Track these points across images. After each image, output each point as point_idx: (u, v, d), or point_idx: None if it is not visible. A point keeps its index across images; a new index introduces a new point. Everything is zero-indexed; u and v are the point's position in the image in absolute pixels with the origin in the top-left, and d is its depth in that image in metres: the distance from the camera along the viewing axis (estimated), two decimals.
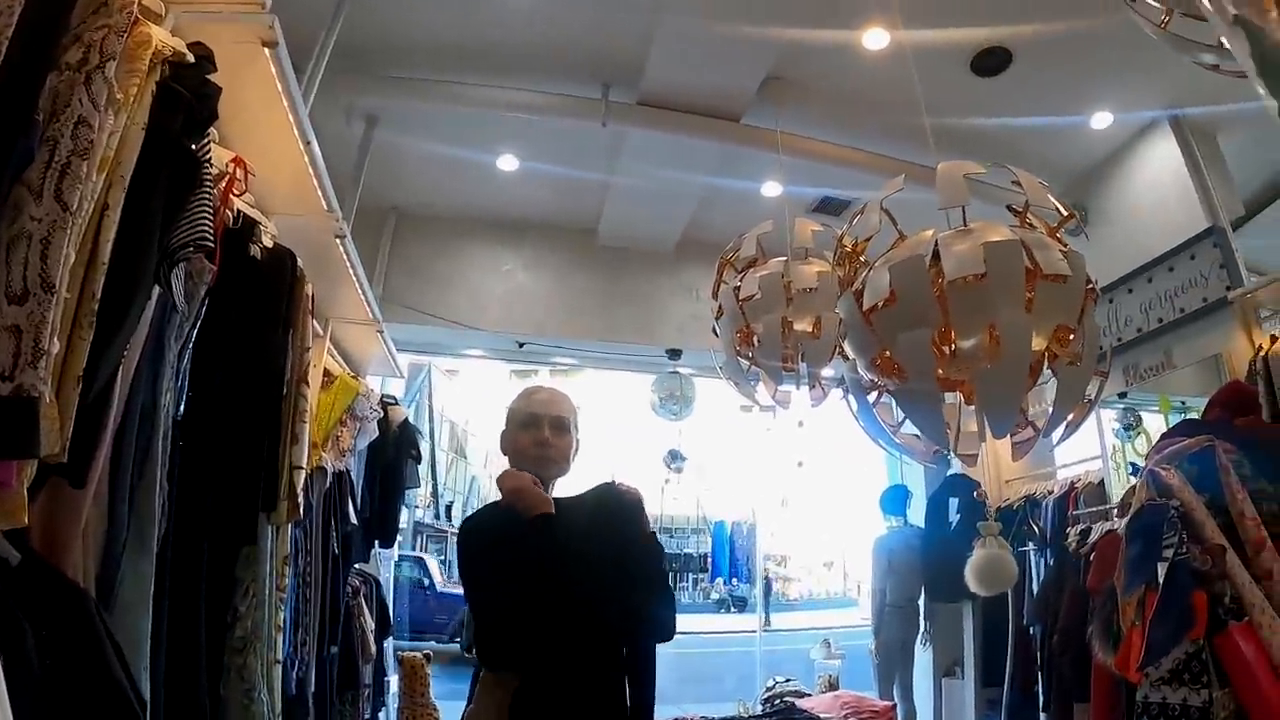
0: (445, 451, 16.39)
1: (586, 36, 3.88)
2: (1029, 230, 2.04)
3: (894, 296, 1.95)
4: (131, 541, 1.47)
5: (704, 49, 3.87)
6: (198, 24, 1.82)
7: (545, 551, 1.84)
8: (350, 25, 3.35)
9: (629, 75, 4.05)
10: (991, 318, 1.88)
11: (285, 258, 2.37)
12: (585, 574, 1.83)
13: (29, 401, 1.06)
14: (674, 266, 5.85)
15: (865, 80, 4.08)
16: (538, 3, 3.66)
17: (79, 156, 1.21)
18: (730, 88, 4.16)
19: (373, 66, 3.95)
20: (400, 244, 5.46)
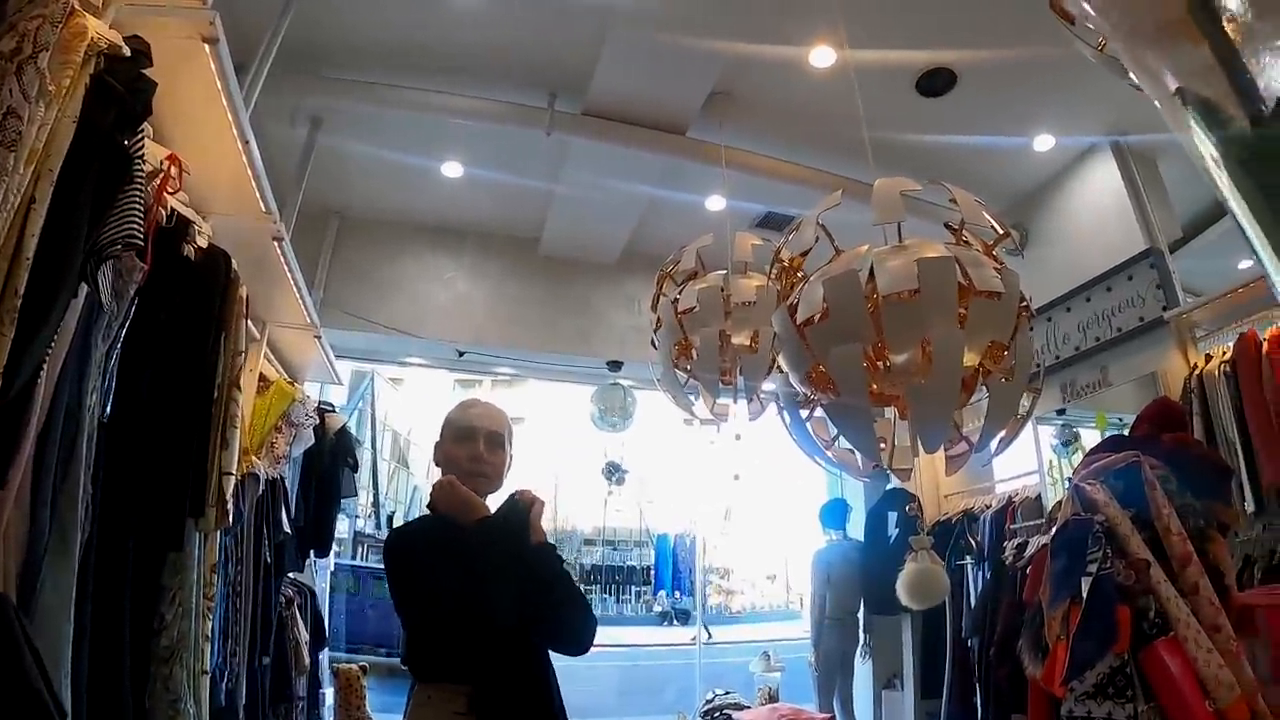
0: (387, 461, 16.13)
1: (534, 45, 3.89)
2: (964, 248, 2.07)
3: (828, 311, 1.96)
4: (53, 545, 1.43)
5: (651, 61, 3.91)
6: (138, 18, 1.79)
7: (486, 557, 1.84)
8: (296, 25, 3.31)
9: (575, 85, 4.07)
10: (924, 333, 1.90)
11: (219, 258, 2.33)
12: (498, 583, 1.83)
13: None
14: (616, 278, 5.86)
15: (811, 97, 4.15)
16: (486, 8, 3.66)
17: (5, 148, 1.18)
18: (676, 101, 4.20)
19: (318, 67, 3.91)
20: (342, 249, 5.38)
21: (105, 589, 1.63)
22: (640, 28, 3.69)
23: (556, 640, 1.88)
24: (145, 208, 1.61)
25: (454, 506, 1.94)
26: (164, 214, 2.01)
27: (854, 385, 1.91)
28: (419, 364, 6.09)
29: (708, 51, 3.83)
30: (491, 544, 1.86)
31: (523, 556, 1.87)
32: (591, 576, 18.44)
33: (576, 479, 16.35)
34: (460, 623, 1.76)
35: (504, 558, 1.84)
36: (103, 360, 1.72)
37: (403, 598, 1.89)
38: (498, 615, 1.77)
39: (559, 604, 1.87)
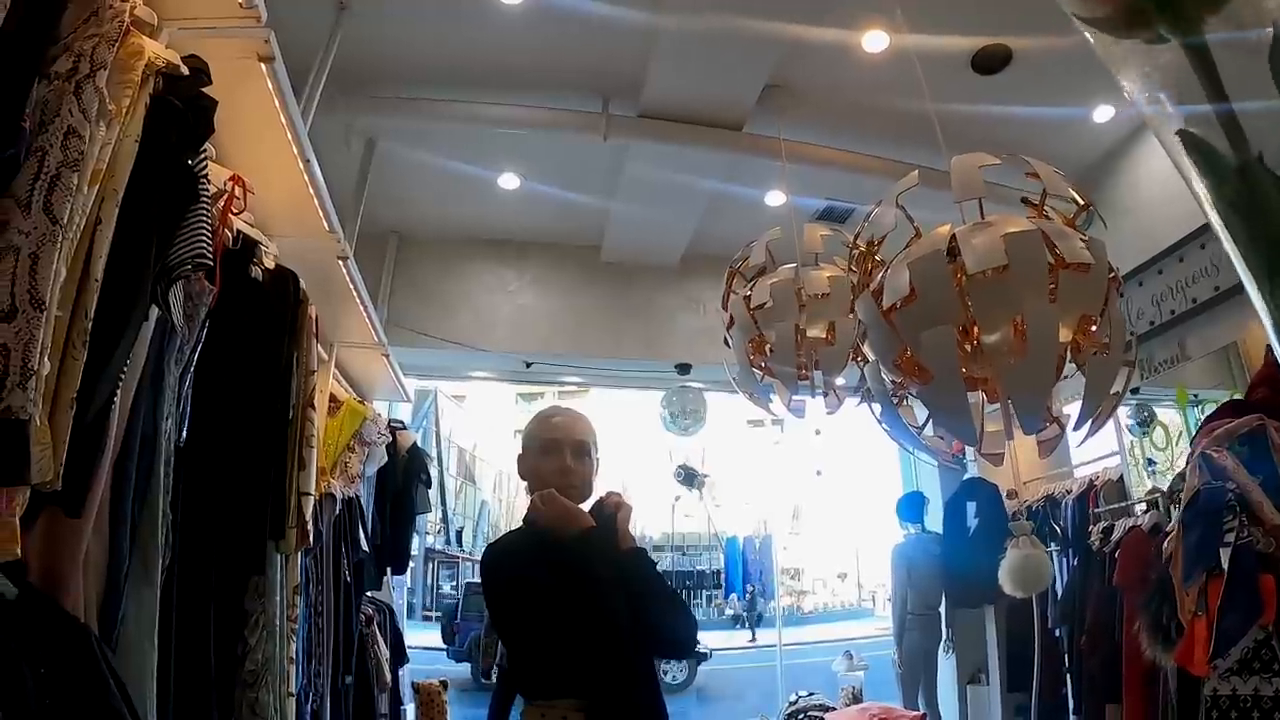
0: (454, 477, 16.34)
1: (585, 51, 3.86)
2: (1047, 221, 1.99)
3: (914, 294, 1.90)
4: (134, 574, 1.41)
5: (703, 59, 3.84)
6: (193, 40, 1.77)
7: (594, 568, 1.78)
8: (346, 47, 3.32)
9: (629, 88, 4.02)
10: (1016, 311, 1.83)
11: (288, 279, 2.31)
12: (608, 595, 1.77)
13: (18, 424, 1.00)
14: (680, 280, 5.79)
15: (866, 83, 4.05)
16: (535, 18, 3.63)
17: (69, 168, 1.15)
18: (731, 96, 4.13)
19: (370, 88, 3.93)
20: (403, 267, 5.42)
21: (188, 616, 1.61)
22: (690, 26, 3.62)
23: (662, 646, 1.87)
24: (212, 227, 1.58)
25: (555, 519, 1.88)
26: (230, 236, 2.00)
27: (948, 368, 1.84)
28: (486, 378, 6.11)
29: (759, 44, 3.75)
30: (597, 555, 1.81)
31: (620, 564, 1.82)
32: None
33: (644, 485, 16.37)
34: (571, 637, 1.71)
35: (610, 568, 1.79)
36: (176, 384, 1.71)
37: (507, 615, 1.85)
38: (610, 627, 1.72)
39: (661, 609, 1.83)
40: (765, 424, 18.82)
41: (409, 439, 4.08)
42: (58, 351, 1.15)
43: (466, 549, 18.83)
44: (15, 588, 1.17)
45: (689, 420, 5.82)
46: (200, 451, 1.79)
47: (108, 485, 1.40)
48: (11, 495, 1.04)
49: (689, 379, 5.83)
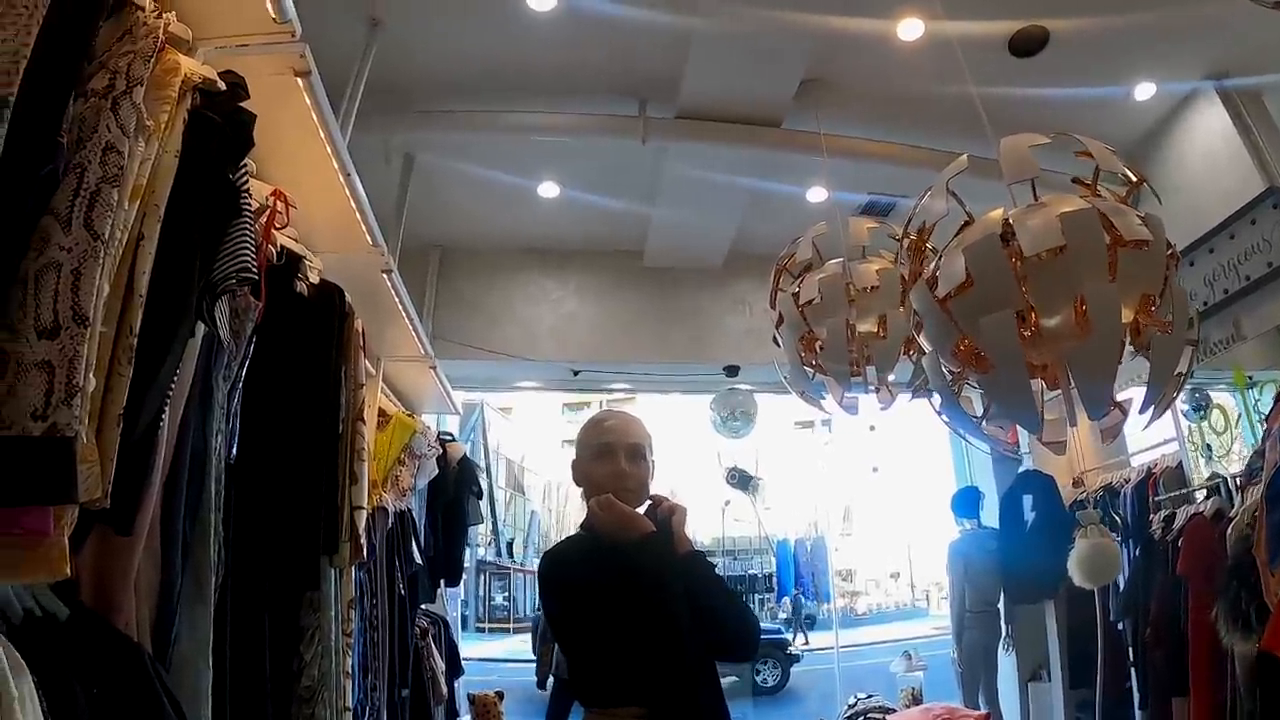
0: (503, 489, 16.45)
1: (620, 54, 3.84)
2: (1101, 199, 1.93)
3: (970, 280, 1.86)
4: (187, 592, 1.39)
5: (739, 57, 3.81)
6: (229, 58, 1.77)
7: (655, 573, 1.75)
8: (380, 63, 3.35)
9: (665, 90, 4.00)
10: (1076, 292, 1.78)
11: (333, 293, 2.31)
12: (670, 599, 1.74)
13: (64, 442, 0.98)
14: (724, 282, 5.75)
15: (903, 73, 3.99)
16: (567, 24, 3.62)
17: (109, 183, 1.14)
18: (768, 93, 4.09)
19: (405, 103, 3.96)
20: (446, 281, 5.46)
21: (243, 633, 1.60)
22: (724, 25, 3.59)
23: (726, 649, 1.82)
24: (255, 241, 1.57)
25: (614, 524, 1.85)
26: (274, 251, 2.00)
27: (1009, 354, 1.79)
28: (534, 387, 6.13)
29: (795, 38, 3.71)
30: (657, 559, 1.78)
31: (680, 567, 1.78)
32: None
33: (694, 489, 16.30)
34: (633, 643, 1.68)
35: (670, 571, 1.76)
36: (225, 401, 1.70)
37: (567, 622, 1.82)
38: (672, 632, 1.69)
39: (723, 611, 1.79)
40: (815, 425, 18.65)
41: (459, 451, 4.08)
42: (103, 368, 1.14)
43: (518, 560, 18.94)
44: (66, 608, 1.16)
45: (739, 422, 5.76)
46: (251, 468, 1.79)
47: (158, 503, 1.39)
48: (60, 514, 1.03)
49: (737, 381, 5.77)
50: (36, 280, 1.04)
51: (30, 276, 1.04)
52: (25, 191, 1.02)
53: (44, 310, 1.03)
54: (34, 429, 0.97)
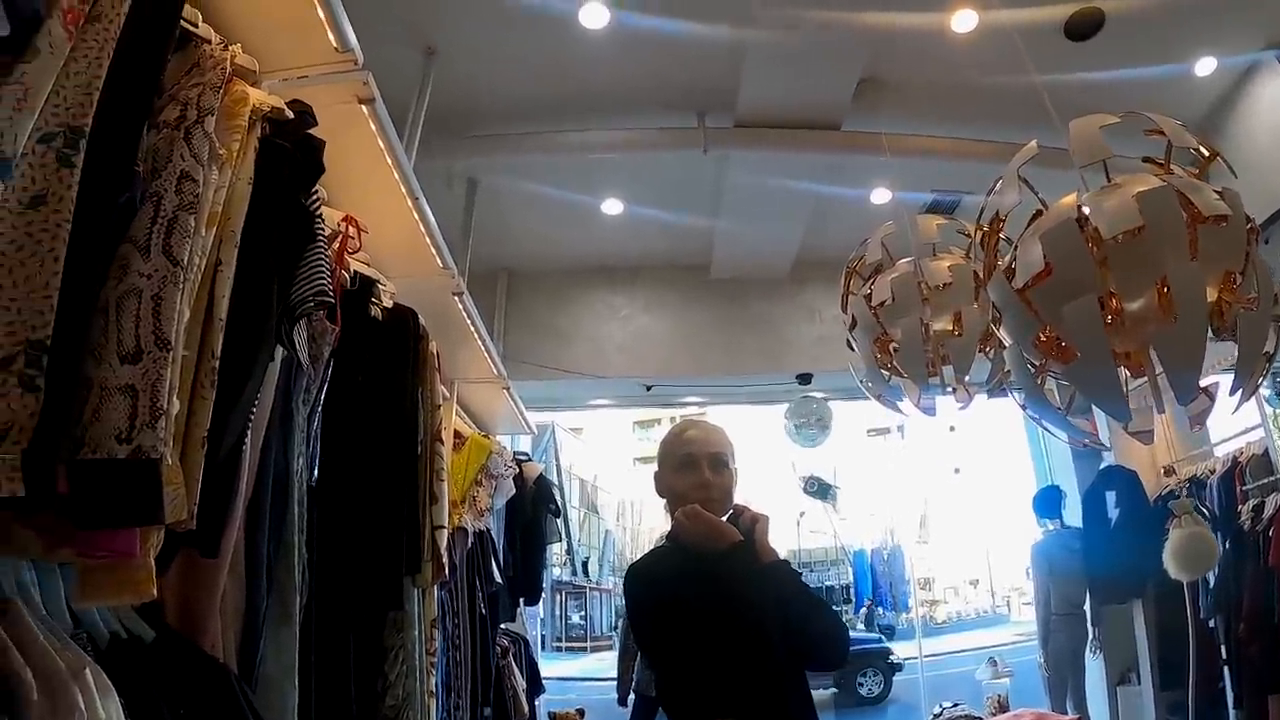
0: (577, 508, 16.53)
1: (675, 67, 3.83)
2: (1176, 176, 1.87)
3: (1049, 268, 1.81)
4: (272, 613, 1.41)
5: (794, 63, 3.77)
6: (295, 89, 1.81)
7: (743, 583, 1.72)
8: (438, 90, 3.41)
9: (723, 99, 3.98)
10: (1158, 273, 1.72)
11: (407, 316, 2.34)
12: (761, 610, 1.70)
13: (149, 464, 0.99)
14: (792, 290, 5.68)
15: (959, 66, 3.90)
16: (620, 41, 3.63)
17: (185, 210, 1.16)
18: (826, 96, 4.04)
19: (465, 128, 4.01)
20: (515, 302, 5.51)
21: (328, 654, 1.61)
22: (778, 30, 3.55)
23: (815, 657, 1.78)
24: (330, 266, 1.59)
25: (702, 535, 1.81)
26: (347, 276, 2.02)
27: (1094, 341, 1.74)
28: (606, 405, 6.13)
29: (850, 38, 3.65)
30: (744, 569, 1.75)
31: (767, 577, 1.73)
32: None
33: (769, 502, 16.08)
34: (724, 655, 1.65)
35: (758, 581, 1.73)
36: (305, 424, 1.73)
37: (655, 635, 1.79)
38: (762, 643, 1.66)
39: (812, 620, 1.75)
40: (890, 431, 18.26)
41: (535, 470, 4.10)
42: (186, 391, 1.16)
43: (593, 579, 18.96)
44: (152, 630, 1.18)
45: (815, 430, 5.67)
46: (332, 490, 1.81)
47: (242, 526, 1.41)
48: (146, 536, 1.04)
49: (811, 389, 5.68)
50: (118, 307, 1.05)
51: (111, 303, 1.05)
52: (104, 220, 1.04)
53: (126, 335, 1.04)
54: (119, 451, 0.98)
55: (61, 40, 1.00)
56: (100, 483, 0.97)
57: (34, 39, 0.97)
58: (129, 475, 0.98)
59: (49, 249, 0.96)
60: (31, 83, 0.96)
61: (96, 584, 1.05)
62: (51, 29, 0.99)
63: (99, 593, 1.05)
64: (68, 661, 0.95)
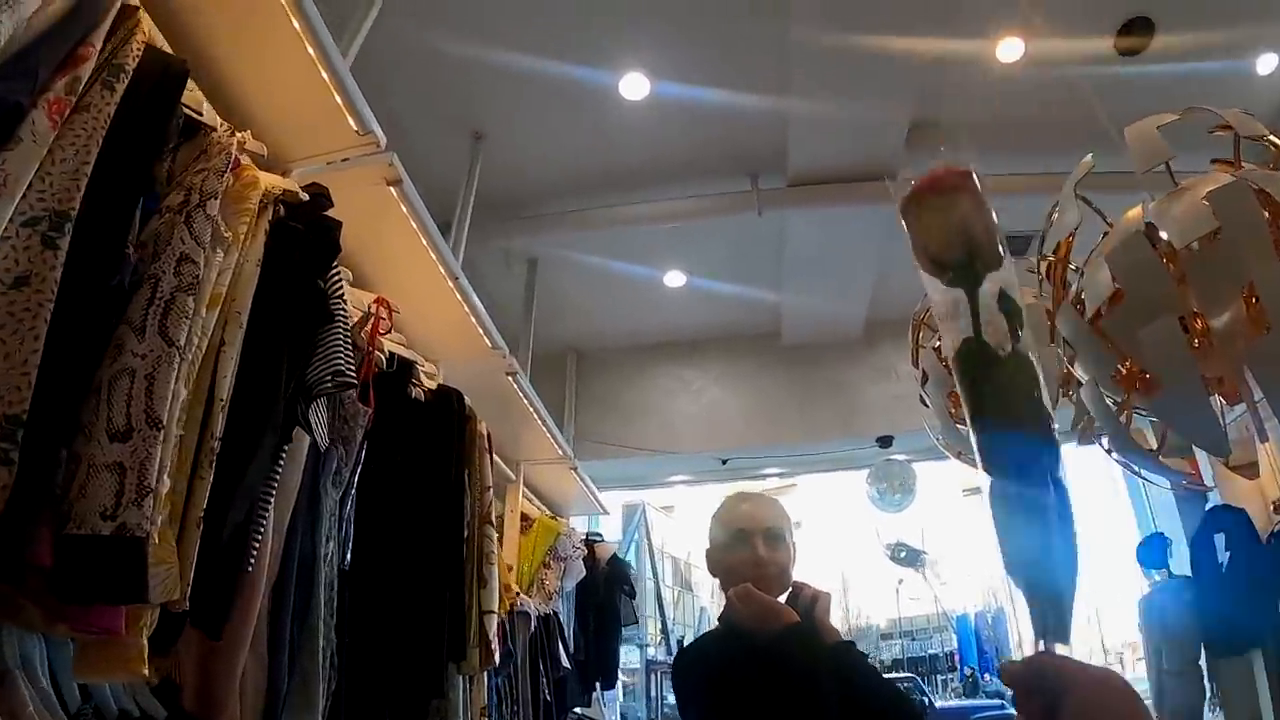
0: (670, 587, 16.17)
1: (721, 133, 3.86)
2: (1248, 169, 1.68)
3: (1120, 291, 1.65)
4: (293, 699, 1.37)
5: (840, 117, 3.75)
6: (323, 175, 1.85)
7: (801, 667, 1.57)
8: (489, 173, 3.49)
9: (774, 160, 3.97)
10: (1242, 280, 1.53)
11: (451, 397, 2.33)
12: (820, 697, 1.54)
13: (133, 542, 0.98)
14: (866, 351, 5.53)
15: (1009, 98, 3.82)
16: (663, 112, 3.68)
17: (183, 292, 1.17)
18: (877, 145, 3.98)
19: (519, 209, 4.10)
20: (585, 382, 5.52)
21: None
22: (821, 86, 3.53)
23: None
24: (354, 347, 1.60)
25: (755, 616, 1.67)
26: (382, 358, 2.03)
27: (1179, 366, 1.56)
28: (683, 481, 6.02)
29: (895, 83, 3.62)
30: (804, 653, 1.59)
31: (829, 661, 1.59)
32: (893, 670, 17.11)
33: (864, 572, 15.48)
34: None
35: (819, 666, 1.57)
36: (336, 507, 1.71)
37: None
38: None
39: (878, 706, 1.57)
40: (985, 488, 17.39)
41: (608, 551, 4.01)
42: (185, 472, 1.15)
43: None
44: (165, 710, 1.15)
45: (899, 495, 5.42)
46: (369, 573, 1.78)
47: (265, 609, 1.39)
48: (136, 615, 1.03)
49: (892, 451, 5.46)
50: (110, 385, 1.06)
51: (104, 383, 1.06)
52: (92, 302, 1.06)
53: (116, 414, 1.05)
54: (103, 528, 0.98)
55: (45, 130, 1.03)
56: (84, 558, 0.96)
57: (16, 129, 1.00)
58: (112, 552, 0.97)
59: (29, 327, 0.97)
60: (12, 170, 0.98)
61: (90, 660, 1.04)
62: (35, 119, 1.02)
63: (93, 669, 1.05)
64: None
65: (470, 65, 3.35)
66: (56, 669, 1.10)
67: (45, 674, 1.05)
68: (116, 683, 1.09)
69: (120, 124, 1.13)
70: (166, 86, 1.25)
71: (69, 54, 1.11)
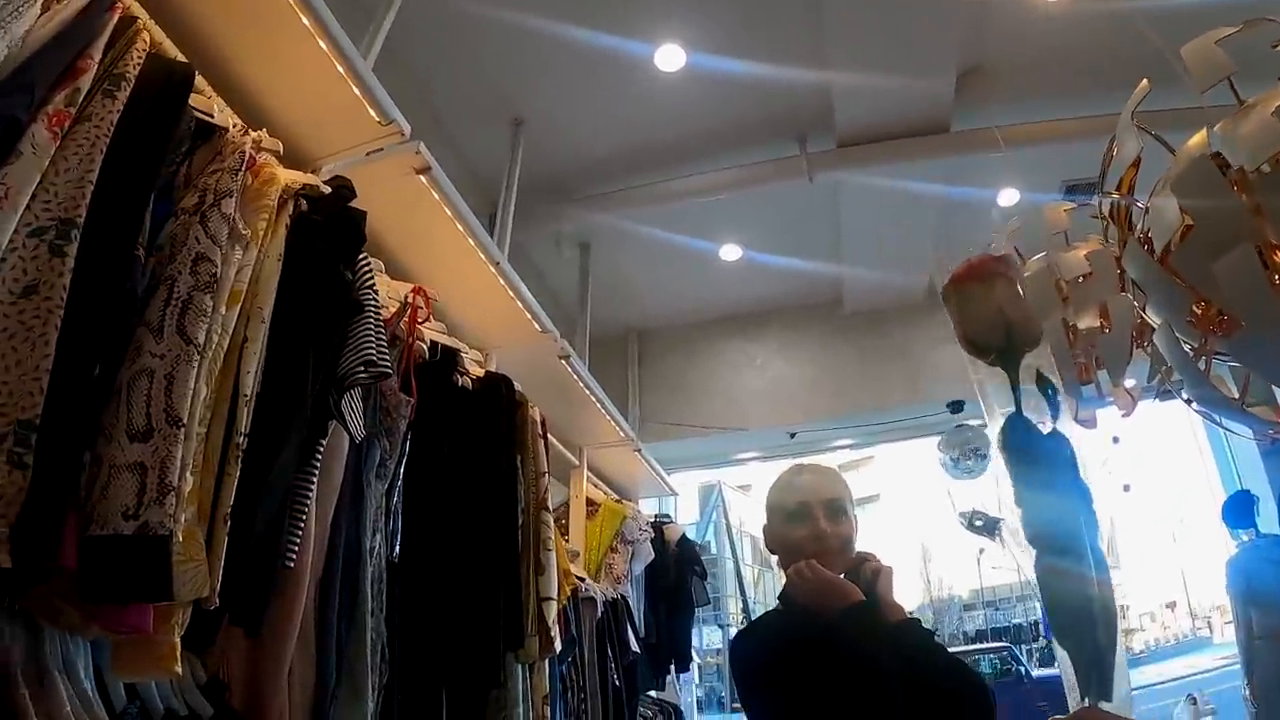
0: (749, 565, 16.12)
1: (763, 99, 3.76)
2: None
3: (1190, 223, 1.54)
4: (343, 693, 1.36)
5: (886, 68, 3.58)
6: (352, 170, 1.84)
7: (864, 645, 1.51)
8: (532, 159, 3.46)
9: (820, 121, 3.85)
10: None
11: (499, 383, 2.30)
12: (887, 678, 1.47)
13: (157, 540, 0.98)
14: (931, 313, 5.33)
15: (1058, 35, 3.59)
16: (702, 82, 3.58)
17: (201, 291, 1.17)
18: (926, 96, 3.82)
19: (565, 192, 4.06)
20: (647, 363, 5.49)
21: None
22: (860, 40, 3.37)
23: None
24: (381, 335, 1.57)
25: (817, 594, 1.60)
26: (424, 348, 2.02)
27: (1257, 300, 1.43)
28: (752, 457, 5.94)
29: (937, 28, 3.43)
30: (867, 631, 1.53)
31: (893, 639, 1.51)
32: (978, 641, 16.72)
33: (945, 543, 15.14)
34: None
35: (883, 644, 1.51)
36: (382, 500, 1.70)
37: (766, 707, 1.60)
38: (886, 713, 1.44)
39: (946, 685, 1.50)
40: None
41: (676, 532, 3.97)
42: (211, 469, 1.15)
43: None
44: (212, 708, 1.16)
45: (972, 461, 5.22)
46: (420, 565, 1.77)
47: (312, 604, 1.39)
48: (167, 613, 1.03)
49: (964, 417, 5.27)
50: (129, 387, 1.06)
51: (124, 384, 1.06)
52: (106, 307, 1.06)
53: (136, 414, 1.05)
54: (125, 528, 0.98)
55: (46, 142, 1.03)
56: (107, 559, 0.97)
57: (16, 143, 1.00)
58: (136, 551, 0.98)
59: (40, 334, 0.97)
60: (13, 183, 0.99)
61: (124, 659, 1.06)
62: (35, 133, 1.02)
63: (127, 667, 1.06)
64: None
65: (504, 50, 3.32)
66: (103, 669, 1.12)
67: (89, 675, 1.06)
68: (150, 680, 1.09)
69: (124, 131, 1.13)
70: (171, 91, 1.25)
71: (68, 67, 1.11)
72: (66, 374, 0.98)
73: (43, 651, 1.02)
